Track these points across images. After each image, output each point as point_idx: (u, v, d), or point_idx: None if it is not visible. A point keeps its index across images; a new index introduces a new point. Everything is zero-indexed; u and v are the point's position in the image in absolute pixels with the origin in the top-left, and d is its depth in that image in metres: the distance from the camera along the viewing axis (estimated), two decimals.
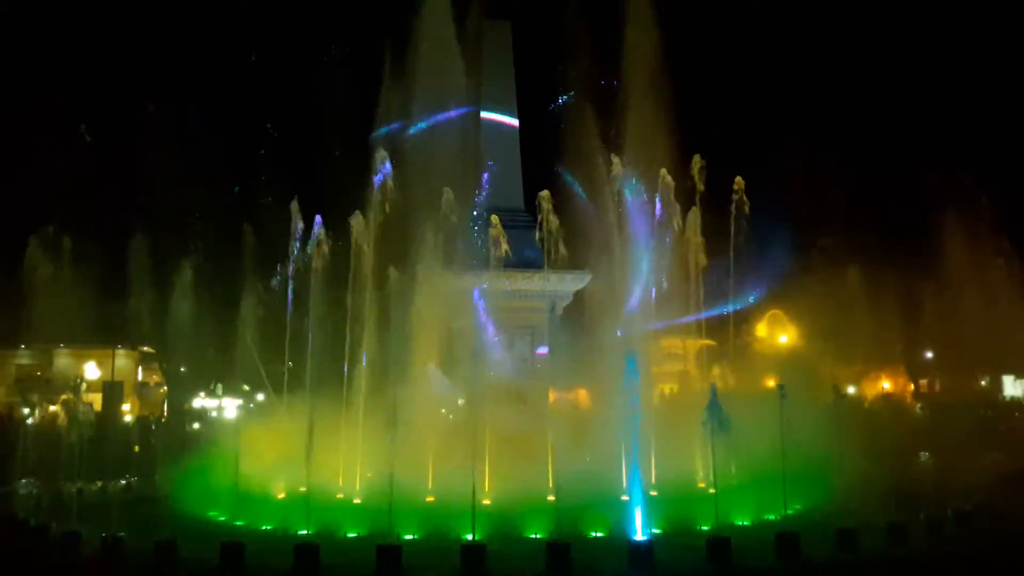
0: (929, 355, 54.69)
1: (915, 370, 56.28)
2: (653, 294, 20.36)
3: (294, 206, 21.02)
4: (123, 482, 20.42)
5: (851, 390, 45.26)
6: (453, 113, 23.42)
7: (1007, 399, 40.31)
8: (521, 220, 22.96)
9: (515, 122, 23.48)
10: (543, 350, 20.43)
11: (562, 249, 23.26)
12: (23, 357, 68.56)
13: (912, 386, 56.40)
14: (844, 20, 53.19)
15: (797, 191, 38.09)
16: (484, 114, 23.57)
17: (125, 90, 49.41)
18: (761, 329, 68.47)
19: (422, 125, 23.70)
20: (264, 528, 15.75)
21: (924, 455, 24.71)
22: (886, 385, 55.59)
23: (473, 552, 12.58)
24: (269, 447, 18.29)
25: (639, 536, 13.13)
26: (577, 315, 24.05)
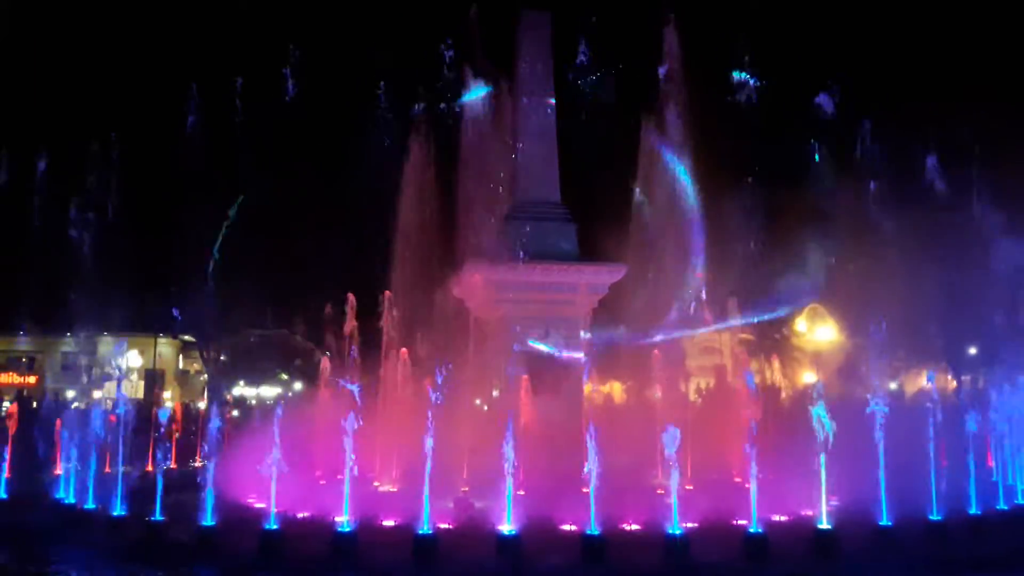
0: (973, 351, 53.61)
1: (958, 366, 55.23)
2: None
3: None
4: (165, 467, 20.79)
5: (892, 386, 44.56)
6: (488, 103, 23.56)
7: None
8: (557, 213, 22.89)
9: (552, 114, 23.35)
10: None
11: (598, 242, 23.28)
12: (68, 344, 70.30)
13: (955, 383, 55.34)
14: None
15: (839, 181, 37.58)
16: (521, 106, 23.47)
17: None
18: (800, 323, 67.69)
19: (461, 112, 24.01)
20: (302, 515, 15.95)
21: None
22: (927, 381, 54.55)
23: (508, 543, 12.65)
24: (308, 435, 18.55)
25: (675, 530, 13.08)
26: (612, 308, 24.00)
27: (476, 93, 22.16)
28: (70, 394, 51.30)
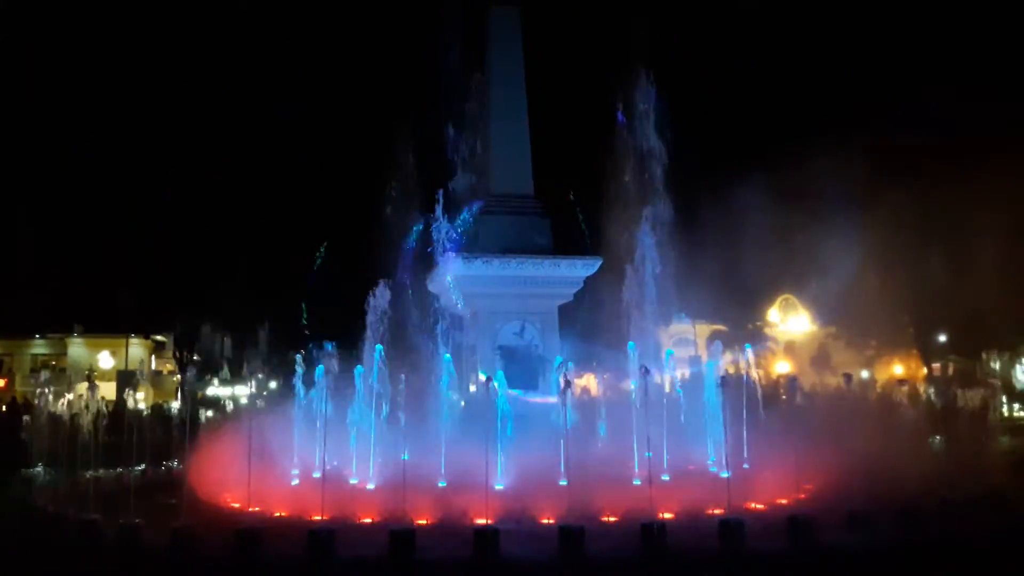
0: (943, 338, 54.52)
1: (928, 354, 56.18)
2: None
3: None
4: (139, 469, 20.61)
5: (864, 375, 45.21)
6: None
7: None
8: (531, 207, 22.93)
9: (524, 108, 23.37)
10: None
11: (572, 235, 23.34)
12: (38, 346, 69.30)
13: (925, 370, 56.29)
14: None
15: (810, 172, 37.95)
16: (492, 101, 23.46)
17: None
18: (773, 313, 68.49)
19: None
20: (278, 514, 15.89)
21: (936, 439, 24.70)
22: (898, 369, 55.55)
23: (486, 536, 12.67)
24: (283, 434, 18.47)
25: (651, 520, 13.17)
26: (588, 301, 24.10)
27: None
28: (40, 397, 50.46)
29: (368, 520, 15.02)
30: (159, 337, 63.44)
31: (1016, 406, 31.93)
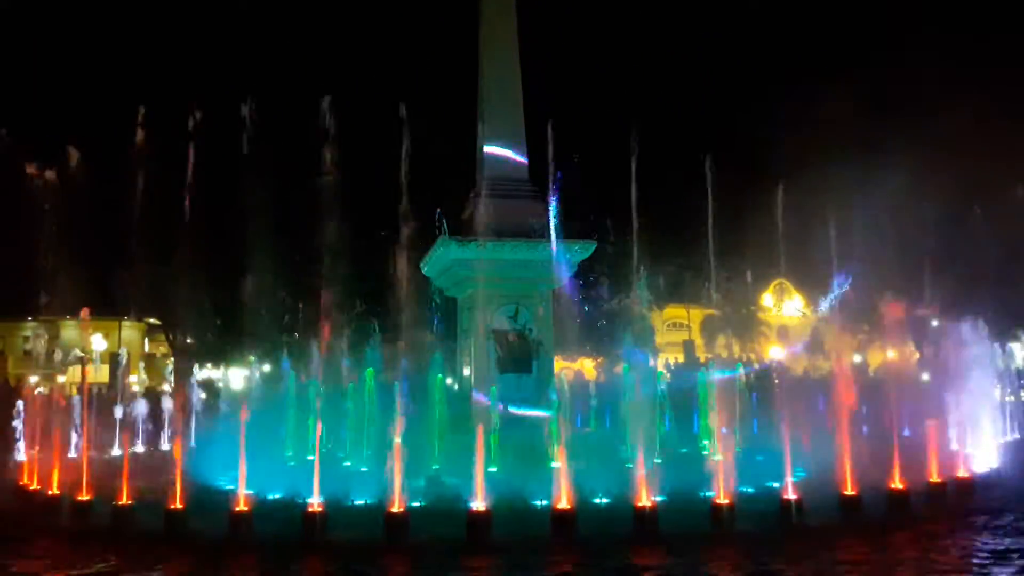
0: (935, 323, 54.62)
1: (921, 338, 56.25)
2: None
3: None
4: (133, 451, 20.61)
5: (857, 359, 45.33)
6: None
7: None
8: (525, 190, 22.81)
9: (519, 89, 23.14)
10: None
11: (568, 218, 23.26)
12: (30, 329, 69.16)
13: (917, 354, 56.40)
14: None
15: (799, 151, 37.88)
16: (487, 82, 23.25)
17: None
18: (766, 298, 68.70)
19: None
20: (273, 496, 15.91)
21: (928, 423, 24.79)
22: (890, 354, 55.71)
23: (478, 519, 12.73)
24: (277, 417, 18.52)
25: (643, 503, 13.24)
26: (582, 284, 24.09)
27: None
28: (33, 379, 50.42)
29: (361, 502, 15.06)
30: (152, 320, 63.31)
31: (1008, 390, 32.11)
